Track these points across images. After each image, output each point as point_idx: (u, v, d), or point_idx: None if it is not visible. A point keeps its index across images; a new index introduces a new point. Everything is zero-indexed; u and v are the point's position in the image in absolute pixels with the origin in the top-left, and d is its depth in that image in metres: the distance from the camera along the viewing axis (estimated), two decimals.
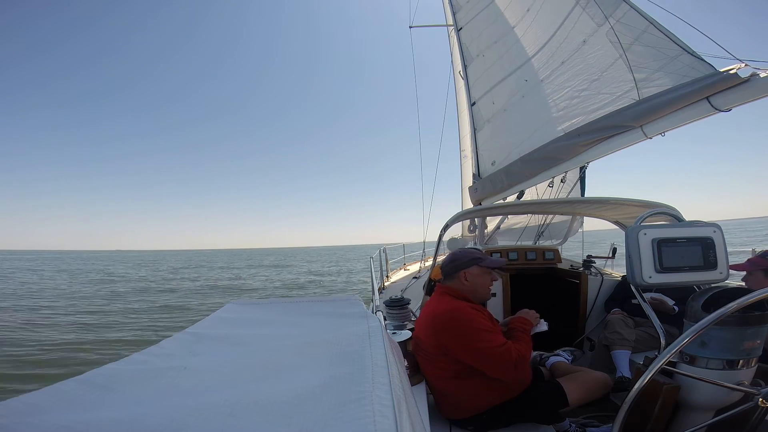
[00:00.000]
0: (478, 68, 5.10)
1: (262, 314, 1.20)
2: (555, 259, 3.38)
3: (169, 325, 9.96)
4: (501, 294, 2.99)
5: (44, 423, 0.52)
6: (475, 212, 4.08)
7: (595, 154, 2.87)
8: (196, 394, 0.63)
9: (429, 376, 1.80)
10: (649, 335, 2.55)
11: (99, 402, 0.61)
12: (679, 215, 1.64)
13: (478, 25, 5.16)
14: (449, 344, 1.69)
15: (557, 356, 2.15)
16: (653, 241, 1.39)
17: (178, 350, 0.87)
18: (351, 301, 1.23)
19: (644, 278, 1.39)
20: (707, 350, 1.32)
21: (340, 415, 0.52)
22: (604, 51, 3.01)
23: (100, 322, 10.14)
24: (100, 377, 0.70)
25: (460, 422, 1.76)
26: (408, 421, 0.57)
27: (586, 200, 3.03)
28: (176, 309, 12.65)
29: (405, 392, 0.72)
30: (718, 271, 1.41)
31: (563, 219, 4.46)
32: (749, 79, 1.93)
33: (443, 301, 1.79)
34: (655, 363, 1.21)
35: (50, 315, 11.09)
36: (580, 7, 3.36)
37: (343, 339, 0.84)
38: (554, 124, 3.48)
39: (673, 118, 2.29)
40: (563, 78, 3.51)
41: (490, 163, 4.59)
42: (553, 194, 4.08)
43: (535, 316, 1.91)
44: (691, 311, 1.40)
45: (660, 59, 2.49)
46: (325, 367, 0.70)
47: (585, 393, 1.74)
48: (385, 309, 2.05)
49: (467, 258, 1.85)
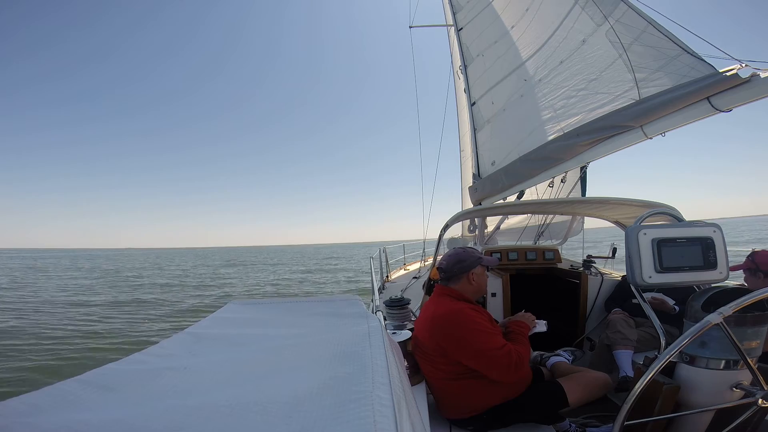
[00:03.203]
0: (478, 68, 5.11)
1: (262, 314, 1.20)
2: (555, 259, 3.38)
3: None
4: (501, 294, 2.99)
5: (44, 423, 0.52)
6: (475, 212, 4.08)
7: (595, 154, 2.87)
8: (196, 394, 0.63)
9: (429, 376, 1.80)
10: (649, 335, 2.54)
11: (99, 402, 0.61)
12: (679, 215, 1.64)
13: (478, 25, 5.17)
14: (449, 346, 1.68)
15: (558, 356, 2.15)
16: (653, 241, 1.39)
17: (178, 350, 0.87)
18: (351, 301, 1.24)
19: (644, 278, 1.39)
20: (707, 350, 1.32)
21: (340, 415, 0.52)
22: (603, 51, 3.01)
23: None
24: (100, 377, 0.70)
25: (460, 422, 1.76)
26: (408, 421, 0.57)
27: (586, 200, 3.03)
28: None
29: (405, 392, 0.72)
30: (718, 271, 1.41)
31: (563, 219, 4.46)
32: (749, 80, 1.93)
33: (443, 303, 1.78)
34: (656, 363, 1.21)
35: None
36: (579, 6, 3.36)
37: (343, 339, 0.84)
38: (553, 123, 3.48)
39: (674, 118, 2.29)
40: (562, 77, 3.51)
41: (490, 163, 4.59)
42: (553, 194, 4.08)
43: (531, 319, 1.91)
44: (691, 311, 1.40)
45: (660, 59, 2.49)
46: (325, 367, 0.70)
47: (585, 393, 1.73)
48: (385, 309, 2.05)
49: (473, 258, 1.84)
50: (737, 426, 1.25)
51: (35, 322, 9.83)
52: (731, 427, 1.25)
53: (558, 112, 3.45)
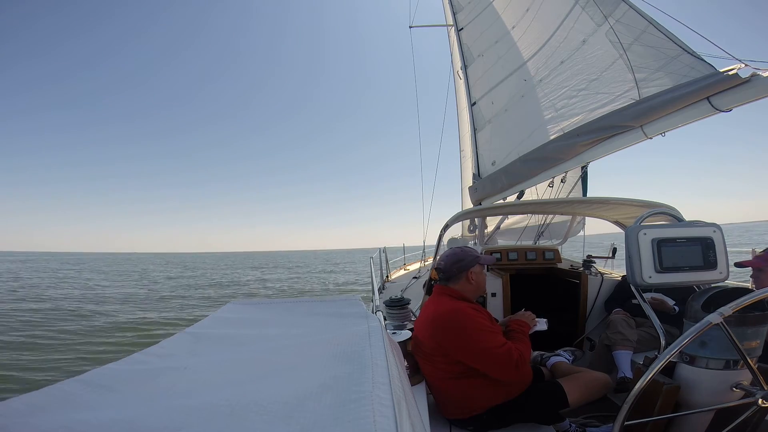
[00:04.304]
0: (478, 68, 5.10)
1: (262, 314, 1.20)
2: (555, 259, 3.38)
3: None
4: (501, 294, 2.99)
5: (44, 423, 0.52)
6: (475, 212, 4.08)
7: (595, 154, 2.87)
8: (196, 394, 0.63)
9: (429, 376, 1.79)
10: (649, 335, 2.54)
11: (99, 402, 0.61)
12: (679, 215, 1.64)
13: (478, 25, 5.17)
14: (450, 345, 1.68)
15: (558, 356, 2.15)
16: (653, 241, 1.39)
17: (178, 350, 0.87)
18: (351, 301, 1.23)
19: (644, 278, 1.39)
20: (707, 350, 1.32)
21: (340, 415, 0.52)
22: (603, 51, 3.01)
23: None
24: (100, 377, 0.70)
25: (460, 422, 1.76)
26: (408, 421, 0.57)
27: (586, 200, 3.03)
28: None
29: (405, 392, 0.72)
30: (718, 271, 1.41)
31: (563, 219, 4.45)
32: (750, 80, 1.92)
33: (442, 302, 1.78)
34: (656, 363, 1.20)
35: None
36: (579, 6, 3.36)
37: (343, 339, 0.84)
38: (554, 123, 3.48)
39: (674, 118, 2.29)
40: (563, 78, 3.51)
41: (490, 163, 4.59)
42: (553, 194, 4.08)
43: (531, 318, 1.91)
44: (691, 311, 1.40)
45: (660, 59, 2.49)
46: (325, 367, 0.70)
47: (585, 393, 1.73)
48: (385, 309, 2.05)
49: (471, 257, 1.84)
50: (737, 426, 1.25)
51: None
52: (731, 427, 1.25)
53: (559, 113, 3.45)
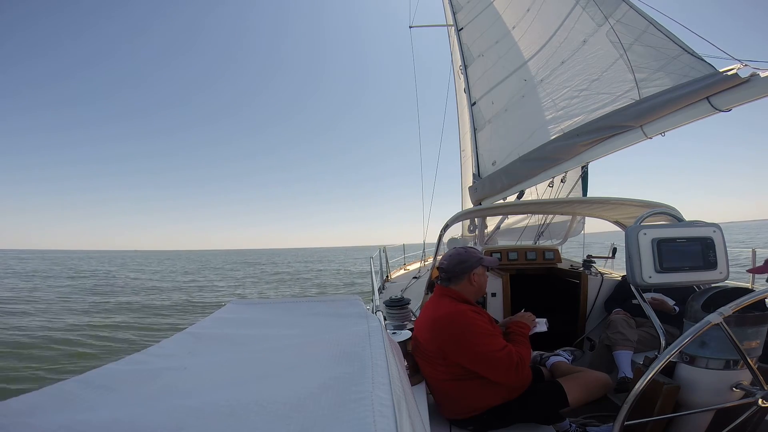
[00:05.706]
0: (478, 68, 5.10)
1: (262, 314, 1.20)
2: (555, 259, 3.38)
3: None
4: (501, 294, 2.99)
5: (44, 423, 0.52)
6: (475, 212, 4.09)
7: (595, 154, 2.87)
8: (196, 394, 0.63)
9: (428, 376, 1.79)
10: (649, 335, 2.54)
11: (99, 402, 0.61)
12: (679, 215, 1.64)
13: (479, 25, 5.17)
14: (449, 348, 1.68)
15: (558, 356, 2.14)
16: (653, 241, 1.39)
17: (178, 350, 0.87)
18: (351, 302, 1.23)
19: (644, 278, 1.39)
20: (707, 350, 1.32)
21: (340, 415, 0.52)
22: (604, 51, 3.01)
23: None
24: (100, 377, 0.70)
25: (460, 422, 1.76)
26: (408, 421, 0.57)
27: (586, 200, 3.03)
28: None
29: (405, 392, 0.71)
30: (718, 271, 1.41)
31: (563, 219, 4.46)
32: (749, 80, 1.92)
33: (443, 304, 1.78)
34: (656, 363, 1.20)
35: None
36: (580, 7, 3.36)
37: (343, 339, 0.84)
38: (554, 124, 3.48)
39: (674, 118, 2.29)
40: (563, 78, 3.51)
41: (490, 163, 4.59)
42: (553, 194, 4.08)
43: (531, 318, 1.90)
44: (691, 311, 1.40)
45: (660, 59, 2.49)
46: (325, 367, 0.70)
47: (585, 393, 1.73)
48: (385, 309, 2.05)
49: (474, 258, 1.82)
50: (737, 426, 1.25)
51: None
52: (731, 427, 1.25)
53: (560, 113, 3.44)
